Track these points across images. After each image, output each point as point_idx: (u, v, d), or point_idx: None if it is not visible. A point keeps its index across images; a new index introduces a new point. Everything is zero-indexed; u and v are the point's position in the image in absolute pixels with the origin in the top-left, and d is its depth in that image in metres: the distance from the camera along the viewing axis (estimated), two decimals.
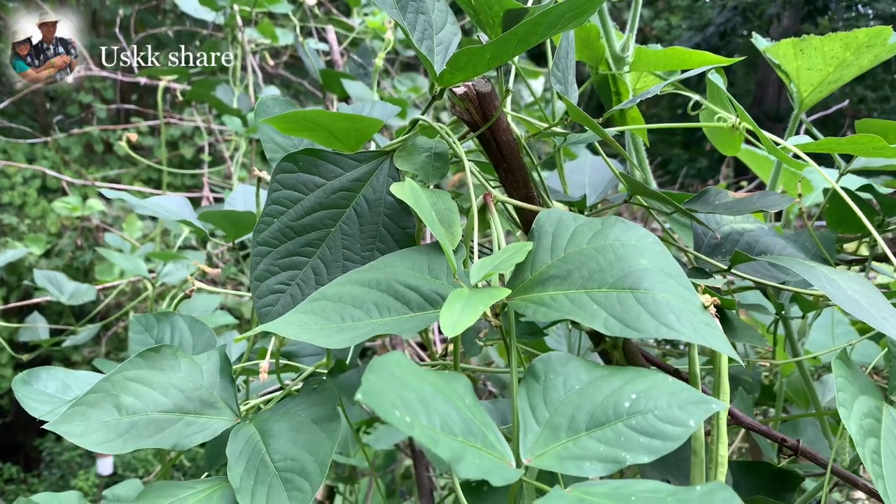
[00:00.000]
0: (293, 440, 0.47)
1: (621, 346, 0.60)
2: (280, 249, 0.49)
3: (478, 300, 0.39)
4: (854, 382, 0.47)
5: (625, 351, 0.61)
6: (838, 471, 0.56)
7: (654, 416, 0.36)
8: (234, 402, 0.54)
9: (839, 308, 1.23)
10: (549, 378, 0.39)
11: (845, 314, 1.24)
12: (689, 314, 0.39)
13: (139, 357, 0.54)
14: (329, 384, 0.52)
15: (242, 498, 0.45)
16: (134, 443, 0.50)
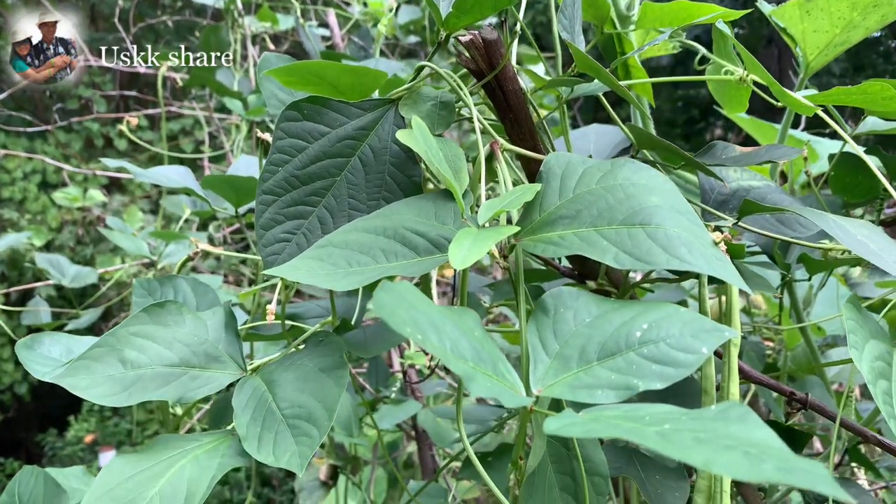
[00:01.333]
0: (300, 388, 0.47)
1: None
2: (285, 198, 0.49)
3: (487, 236, 0.39)
4: (864, 326, 0.47)
5: None
6: (847, 422, 0.56)
7: (667, 344, 0.35)
8: (239, 356, 0.53)
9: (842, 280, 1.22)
10: (559, 312, 0.39)
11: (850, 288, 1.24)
12: (701, 247, 0.38)
13: (143, 312, 0.54)
14: (335, 337, 0.52)
15: (249, 445, 0.45)
16: (139, 395, 0.50)
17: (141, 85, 4.00)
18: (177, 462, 0.46)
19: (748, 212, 0.54)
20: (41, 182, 4.63)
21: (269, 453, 0.44)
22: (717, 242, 0.40)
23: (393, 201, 0.48)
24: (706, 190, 0.62)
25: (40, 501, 0.61)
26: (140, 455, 0.48)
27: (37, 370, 0.59)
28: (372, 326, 0.62)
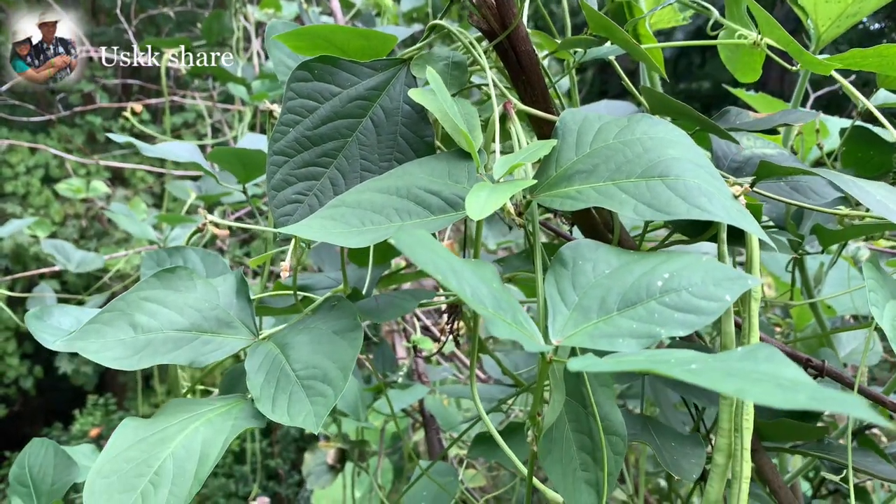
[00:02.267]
0: (314, 350, 0.47)
1: None
2: (297, 159, 0.48)
3: (503, 189, 0.38)
4: (884, 286, 0.46)
5: None
6: (865, 389, 0.55)
7: (689, 292, 0.35)
8: (251, 322, 0.53)
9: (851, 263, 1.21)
10: (578, 264, 0.38)
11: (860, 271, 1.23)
12: (721, 198, 0.38)
13: (154, 278, 0.53)
14: (347, 301, 0.51)
15: (263, 406, 0.44)
16: (150, 359, 0.49)
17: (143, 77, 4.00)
18: (190, 424, 0.46)
19: (764, 174, 0.53)
20: (44, 176, 4.63)
21: (284, 413, 0.43)
22: (736, 196, 0.39)
23: (405, 162, 0.48)
24: (719, 157, 0.62)
25: (50, 472, 0.61)
26: (153, 419, 0.48)
27: (47, 340, 0.58)
28: (383, 295, 0.62)
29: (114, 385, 4.81)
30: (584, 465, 0.43)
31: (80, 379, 4.53)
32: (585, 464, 0.43)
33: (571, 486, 0.42)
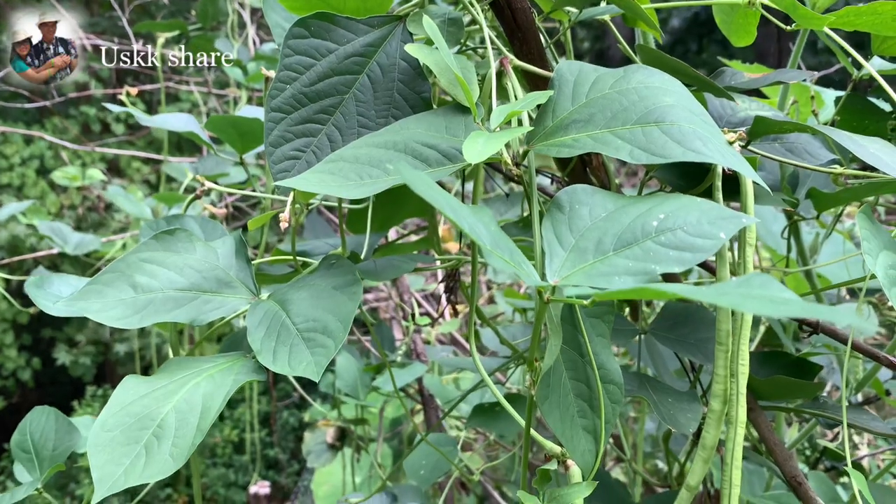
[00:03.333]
0: (314, 304, 0.47)
1: None
2: (294, 116, 0.48)
3: (500, 135, 0.39)
4: (878, 236, 0.47)
5: None
6: (858, 344, 0.56)
7: (684, 231, 0.35)
8: (251, 282, 0.53)
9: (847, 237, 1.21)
10: (575, 208, 0.38)
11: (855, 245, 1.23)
12: (716, 142, 0.38)
13: (153, 240, 0.53)
14: (346, 260, 0.52)
15: (264, 358, 0.45)
16: (151, 318, 0.49)
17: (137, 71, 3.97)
18: (191, 380, 0.46)
19: (760, 131, 0.53)
20: (39, 168, 4.61)
21: (285, 364, 0.44)
22: (731, 142, 0.40)
23: (402, 118, 0.48)
24: (715, 118, 0.62)
25: (52, 437, 0.61)
26: (155, 376, 0.48)
27: (48, 307, 0.58)
28: (381, 259, 0.62)
29: (112, 376, 4.82)
30: (582, 413, 0.43)
31: (79, 370, 4.53)
32: (583, 411, 0.44)
33: (569, 432, 0.43)
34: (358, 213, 0.67)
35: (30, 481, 0.59)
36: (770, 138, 0.62)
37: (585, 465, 0.42)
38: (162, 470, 0.41)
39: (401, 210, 0.69)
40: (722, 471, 0.42)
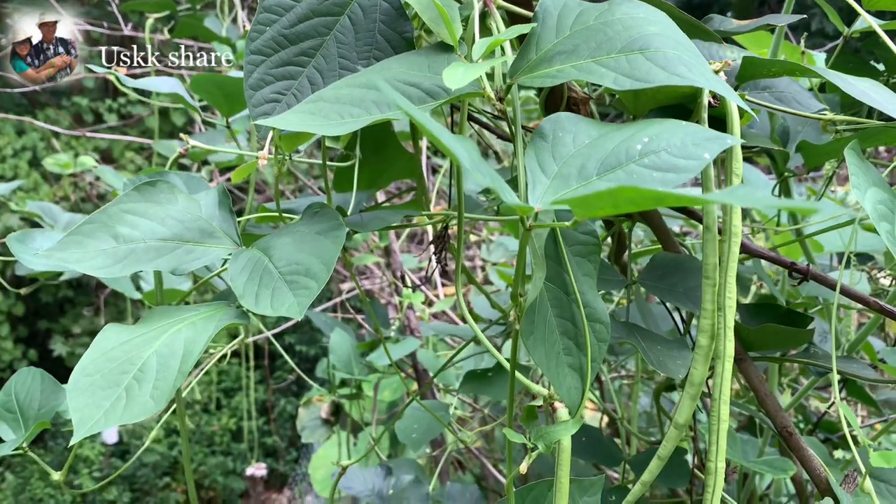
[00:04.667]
0: (297, 249, 0.46)
1: None
2: (274, 59, 0.47)
3: (481, 64, 0.38)
4: (867, 173, 0.46)
5: None
6: (847, 289, 0.55)
7: (668, 153, 0.34)
8: (234, 232, 0.53)
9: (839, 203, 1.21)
10: (558, 136, 0.38)
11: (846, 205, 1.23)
12: (700, 67, 0.37)
13: (134, 191, 0.53)
14: (331, 208, 0.51)
15: (246, 301, 0.44)
16: (132, 266, 0.49)
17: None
18: (173, 327, 0.46)
19: (748, 74, 0.53)
20: (32, 159, 4.58)
21: (267, 306, 0.43)
22: (716, 71, 0.39)
23: (384, 59, 0.47)
24: None
25: (37, 397, 0.61)
26: (136, 325, 0.47)
27: (30, 261, 0.58)
28: (368, 213, 0.62)
29: None
30: (568, 350, 0.43)
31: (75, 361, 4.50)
32: (569, 349, 0.43)
33: (555, 369, 0.42)
34: (344, 171, 0.67)
35: (13, 438, 0.59)
36: (760, 87, 0.62)
37: (571, 402, 0.42)
38: (143, 411, 0.41)
39: (388, 169, 0.69)
40: (710, 407, 0.42)
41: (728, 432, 0.73)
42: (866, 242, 1.05)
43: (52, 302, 4.85)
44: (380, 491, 1.12)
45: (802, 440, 0.62)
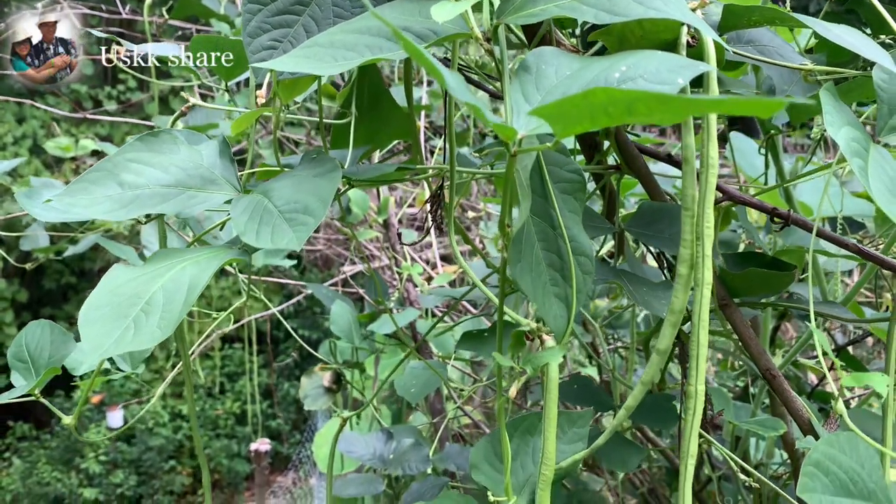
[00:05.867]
0: (296, 190, 0.48)
1: (613, 135, 0.61)
2: (270, 7, 0.49)
3: (468, 1, 0.40)
4: (841, 113, 0.48)
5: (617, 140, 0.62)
6: (824, 233, 0.57)
7: (644, 79, 0.36)
8: (235, 180, 0.55)
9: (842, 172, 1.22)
10: (541, 69, 0.40)
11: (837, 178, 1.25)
12: (678, 2, 0.39)
13: (138, 141, 0.55)
14: (328, 155, 0.53)
15: (247, 238, 0.46)
16: (137, 210, 0.51)
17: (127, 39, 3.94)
18: (178, 265, 0.48)
19: (729, 24, 0.54)
20: (32, 147, 4.60)
21: (268, 241, 0.45)
22: (693, 8, 0.41)
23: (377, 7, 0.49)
24: None
25: (47, 347, 0.63)
26: (143, 265, 0.49)
27: (40, 213, 0.60)
28: (365, 164, 0.64)
29: None
30: (554, 281, 0.45)
31: None
32: (555, 280, 0.45)
33: (542, 298, 0.44)
34: (341, 128, 0.68)
35: (24, 384, 0.61)
36: (743, 40, 0.63)
37: (558, 329, 0.44)
38: (150, 339, 0.43)
39: (384, 127, 0.71)
40: (690, 333, 0.44)
41: (722, 395, 0.76)
42: (856, 208, 1.07)
43: (55, 289, 4.88)
44: (381, 454, 1.15)
45: (786, 382, 0.64)
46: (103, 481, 4.16)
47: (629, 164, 0.62)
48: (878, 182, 0.45)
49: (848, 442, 0.54)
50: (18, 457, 4.39)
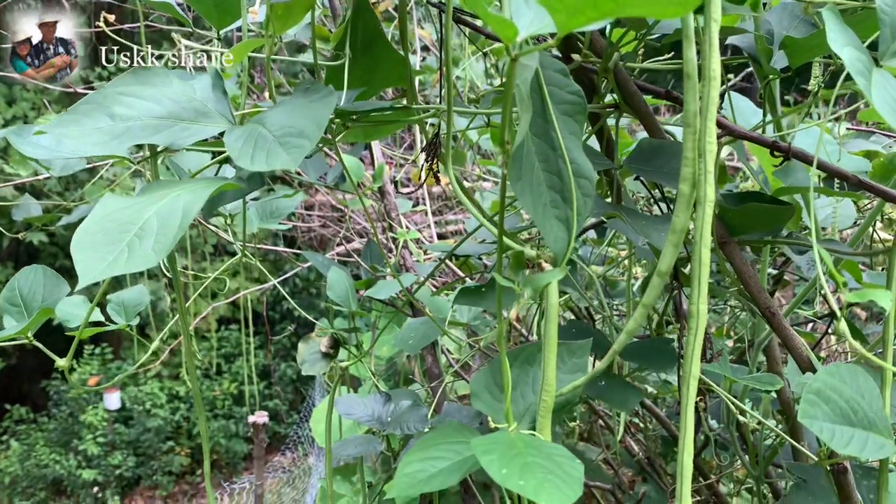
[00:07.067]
0: (290, 115, 0.48)
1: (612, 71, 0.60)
2: None
3: None
4: (845, 33, 0.47)
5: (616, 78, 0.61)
6: (825, 164, 0.57)
7: None
8: (228, 112, 0.54)
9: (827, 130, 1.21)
10: None
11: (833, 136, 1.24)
12: None
13: (129, 74, 0.54)
14: (321, 84, 0.52)
15: (242, 161, 0.46)
16: (128, 142, 0.50)
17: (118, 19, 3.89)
18: (172, 194, 0.47)
19: None
20: None
21: (262, 163, 0.45)
22: None
23: None
24: None
25: (40, 291, 0.62)
26: (136, 195, 0.49)
27: (28, 151, 0.59)
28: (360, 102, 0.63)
29: (109, 335, 4.84)
30: (555, 203, 0.45)
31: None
32: (555, 202, 0.45)
33: (542, 218, 0.44)
34: (334, 69, 0.67)
35: (15, 325, 0.60)
36: None
37: (558, 250, 0.44)
38: (145, 262, 0.42)
39: (378, 70, 0.69)
40: (692, 251, 0.44)
41: None
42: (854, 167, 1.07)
43: None
44: (379, 416, 1.15)
45: (785, 320, 0.64)
46: (102, 462, 4.17)
47: (628, 101, 0.61)
48: (881, 99, 0.44)
49: (849, 372, 0.54)
50: (16, 439, 4.40)
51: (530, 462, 0.41)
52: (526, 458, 0.41)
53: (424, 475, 0.45)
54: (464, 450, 0.47)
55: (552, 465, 0.41)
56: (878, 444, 0.53)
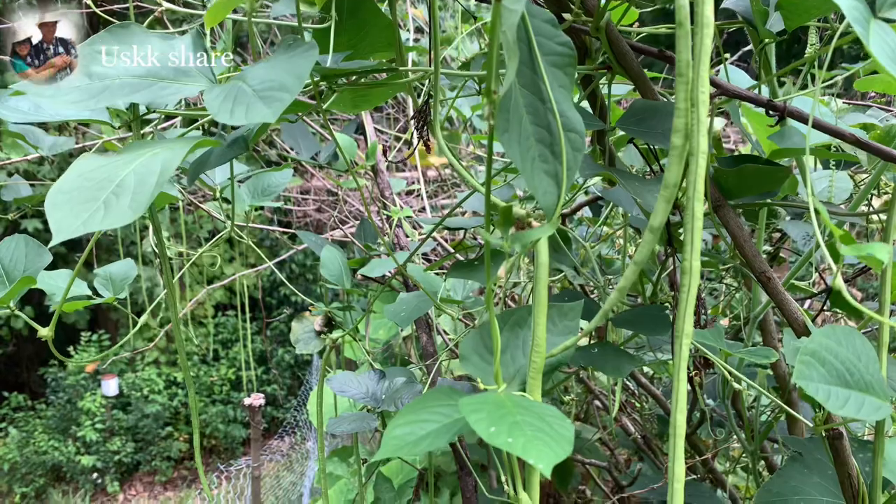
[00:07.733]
0: (271, 69, 0.46)
1: (604, 30, 0.59)
2: None
3: None
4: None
5: (608, 37, 0.60)
6: (820, 122, 0.56)
7: None
8: (209, 72, 0.52)
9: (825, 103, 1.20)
10: None
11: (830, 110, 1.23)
12: None
13: (107, 33, 0.52)
14: (305, 41, 0.50)
15: (221, 117, 0.44)
16: (107, 101, 0.49)
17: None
18: (150, 152, 0.46)
19: None
20: None
21: (242, 117, 0.43)
22: None
23: None
24: None
25: (22, 260, 0.61)
26: (114, 154, 0.47)
27: (7, 115, 0.57)
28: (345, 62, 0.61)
29: (106, 322, 4.83)
30: (543, 158, 0.43)
31: (72, 317, 4.55)
32: (544, 156, 0.43)
33: (530, 172, 0.43)
34: (320, 34, 0.66)
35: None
36: None
37: (547, 205, 0.43)
38: (121, 219, 0.41)
39: (365, 34, 0.68)
40: (685, 206, 0.43)
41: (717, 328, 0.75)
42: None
43: None
44: (374, 393, 1.14)
45: (780, 284, 0.63)
46: (100, 448, 4.18)
47: (619, 60, 0.60)
48: (879, 48, 0.43)
49: (845, 334, 0.53)
50: (15, 426, 4.40)
51: (519, 421, 0.40)
52: (515, 417, 0.40)
53: (413, 437, 0.44)
54: (453, 412, 0.46)
55: (542, 424, 0.40)
56: (874, 406, 0.52)
